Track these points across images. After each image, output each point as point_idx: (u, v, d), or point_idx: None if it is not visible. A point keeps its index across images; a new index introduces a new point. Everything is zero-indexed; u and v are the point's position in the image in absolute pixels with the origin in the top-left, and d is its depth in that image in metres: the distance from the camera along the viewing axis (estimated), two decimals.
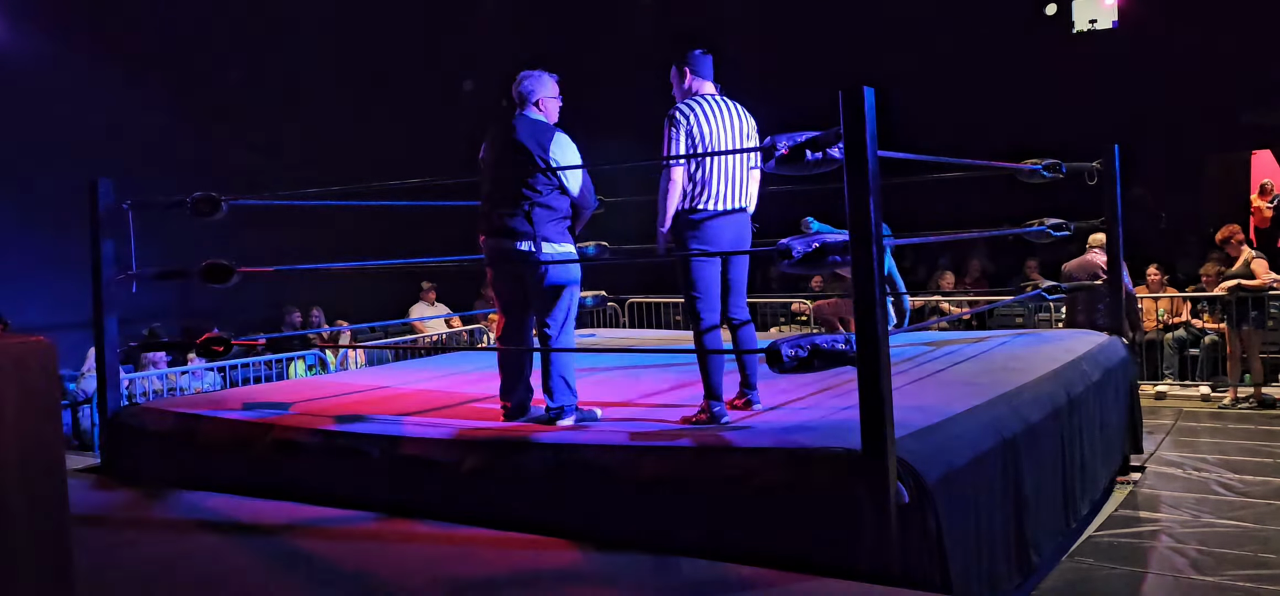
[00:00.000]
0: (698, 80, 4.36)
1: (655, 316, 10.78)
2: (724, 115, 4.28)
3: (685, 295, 4.34)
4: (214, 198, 5.33)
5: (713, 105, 4.28)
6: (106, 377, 5.28)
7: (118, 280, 5.27)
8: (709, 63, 4.40)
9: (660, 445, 3.76)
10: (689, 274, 4.26)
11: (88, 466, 5.56)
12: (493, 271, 4.56)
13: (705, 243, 4.25)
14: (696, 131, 4.20)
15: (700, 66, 4.37)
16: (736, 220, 4.32)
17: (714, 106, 4.28)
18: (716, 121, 4.25)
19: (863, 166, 3.32)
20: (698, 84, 4.36)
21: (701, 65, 4.38)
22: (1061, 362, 5.23)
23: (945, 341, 6.61)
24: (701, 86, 4.36)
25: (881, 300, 3.34)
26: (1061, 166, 5.96)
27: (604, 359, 6.07)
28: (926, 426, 3.69)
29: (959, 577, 3.39)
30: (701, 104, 4.26)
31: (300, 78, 11.64)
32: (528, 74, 4.50)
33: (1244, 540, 4.84)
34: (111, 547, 3.91)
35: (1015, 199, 7.90)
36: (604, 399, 4.76)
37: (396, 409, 4.91)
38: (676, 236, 4.29)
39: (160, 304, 10.05)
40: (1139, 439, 6.35)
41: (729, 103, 4.35)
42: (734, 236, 4.33)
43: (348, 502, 4.25)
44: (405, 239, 7.97)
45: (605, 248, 7.37)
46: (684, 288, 4.32)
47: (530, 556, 3.51)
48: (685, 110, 4.24)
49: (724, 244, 4.27)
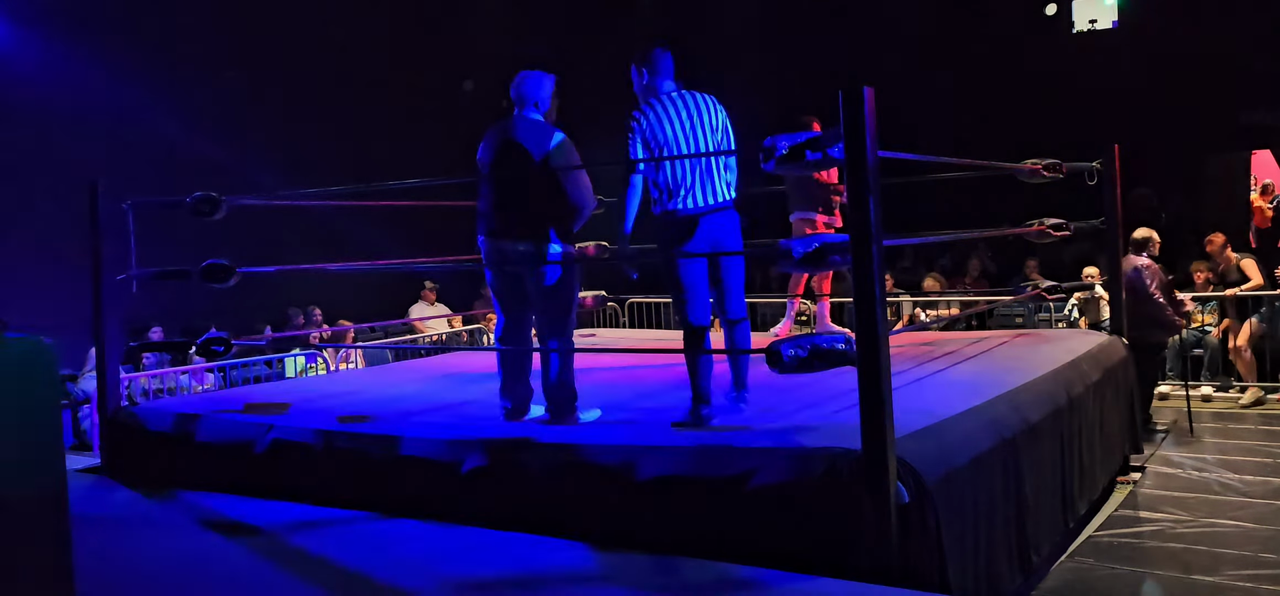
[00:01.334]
0: (657, 78, 4.28)
1: (655, 316, 10.77)
2: (684, 110, 4.20)
3: (672, 297, 4.28)
4: (214, 197, 5.33)
5: (671, 102, 4.20)
6: (106, 377, 5.28)
7: (118, 280, 5.27)
8: (668, 59, 4.31)
9: (660, 445, 3.75)
10: (673, 276, 4.19)
11: (88, 466, 5.56)
12: (492, 272, 4.56)
13: (686, 244, 4.16)
14: (653, 134, 4.15)
15: (658, 64, 4.29)
16: (717, 218, 4.20)
17: (671, 103, 4.20)
18: (676, 119, 4.18)
19: (863, 166, 3.32)
20: (657, 81, 4.28)
21: (660, 62, 4.29)
22: (1061, 362, 5.23)
23: (945, 341, 6.61)
24: (661, 84, 4.28)
25: (882, 300, 3.34)
26: (1061, 166, 5.95)
27: (604, 359, 6.06)
28: (926, 426, 3.69)
29: (959, 577, 3.39)
30: (658, 104, 4.20)
31: (300, 77, 11.64)
32: (527, 74, 4.50)
33: (1244, 540, 4.84)
34: (111, 547, 3.91)
35: (1015, 199, 7.90)
36: (604, 399, 4.76)
37: (396, 409, 4.91)
38: (659, 241, 4.24)
39: (160, 304, 10.06)
40: (1139, 439, 6.35)
41: (691, 96, 4.25)
42: (717, 234, 4.20)
43: (348, 502, 4.26)
44: (405, 239, 7.97)
45: (605, 248, 7.37)
46: (671, 290, 4.26)
47: (530, 556, 3.51)
48: (640, 114, 4.19)
49: (705, 243, 4.18)
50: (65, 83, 9.81)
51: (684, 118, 4.19)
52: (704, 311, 4.24)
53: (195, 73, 10.96)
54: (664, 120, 4.17)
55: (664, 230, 4.20)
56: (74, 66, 9.85)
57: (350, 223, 10.93)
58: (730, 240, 4.26)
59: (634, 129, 4.19)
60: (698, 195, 4.15)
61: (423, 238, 7.69)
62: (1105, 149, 6.33)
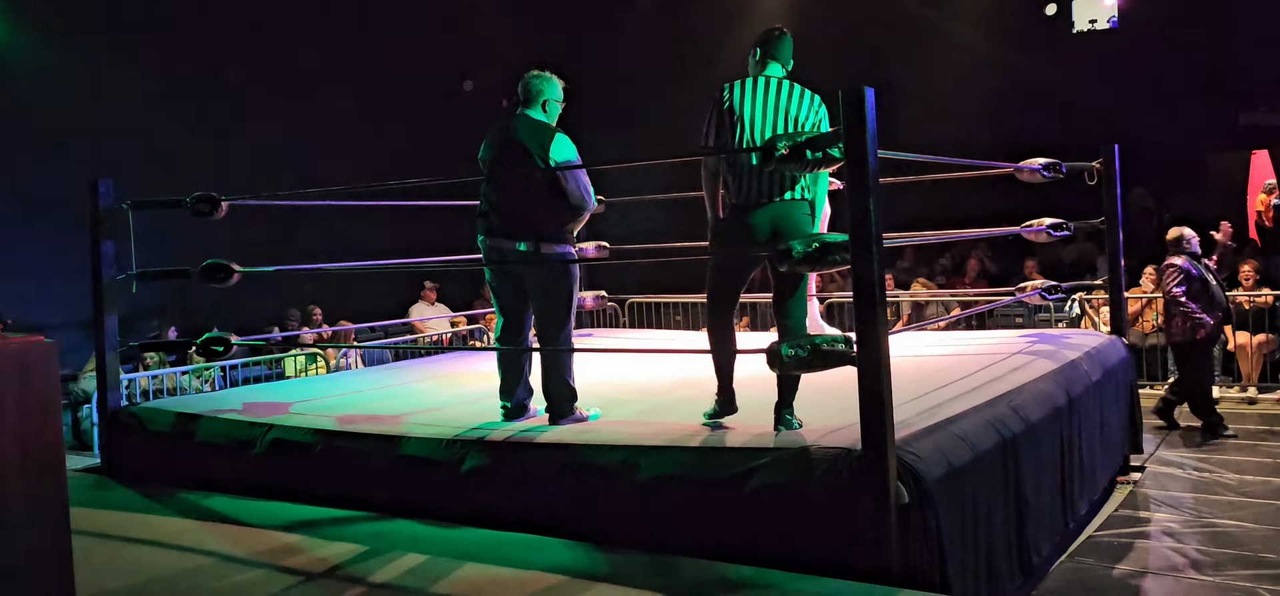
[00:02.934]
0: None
1: (655, 316, 10.77)
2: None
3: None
4: (214, 197, 5.33)
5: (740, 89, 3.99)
6: (106, 378, 5.28)
7: (118, 280, 5.27)
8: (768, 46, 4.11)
9: (660, 445, 3.75)
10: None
11: (88, 466, 5.56)
12: (492, 272, 4.56)
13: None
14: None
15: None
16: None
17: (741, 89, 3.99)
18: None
19: (863, 166, 3.32)
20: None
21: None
22: (1061, 362, 5.23)
23: (945, 341, 6.61)
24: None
25: (882, 300, 3.34)
26: (1061, 166, 5.96)
27: (604, 358, 6.06)
28: (926, 426, 3.69)
29: (958, 577, 3.39)
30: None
31: (301, 77, 11.64)
32: (537, 74, 4.51)
33: (1244, 540, 4.84)
34: (111, 548, 3.91)
35: (1015, 199, 7.89)
36: (604, 399, 4.76)
37: (396, 409, 4.91)
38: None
39: (160, 304, 10.07)
40: (1139, 439, 6.35)
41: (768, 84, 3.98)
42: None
43: (348, 502, 4.26)
44: (405, 239, 7.96)
45: (605, 247, 7.38)
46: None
47: (530, 556, 3.51)
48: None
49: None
50: (65, 83, 9.81)
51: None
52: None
53: (195, 73, 10.96)
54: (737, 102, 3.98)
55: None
56: (74, 66, 9.85)
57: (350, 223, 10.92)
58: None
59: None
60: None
61: (423, 238, 7.68)
62: (1105, 149, 6.33)
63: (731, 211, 3.99)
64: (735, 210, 3.96)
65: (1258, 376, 8.76)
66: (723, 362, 4.04)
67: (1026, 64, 12.97)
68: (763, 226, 3.88)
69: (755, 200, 3.88)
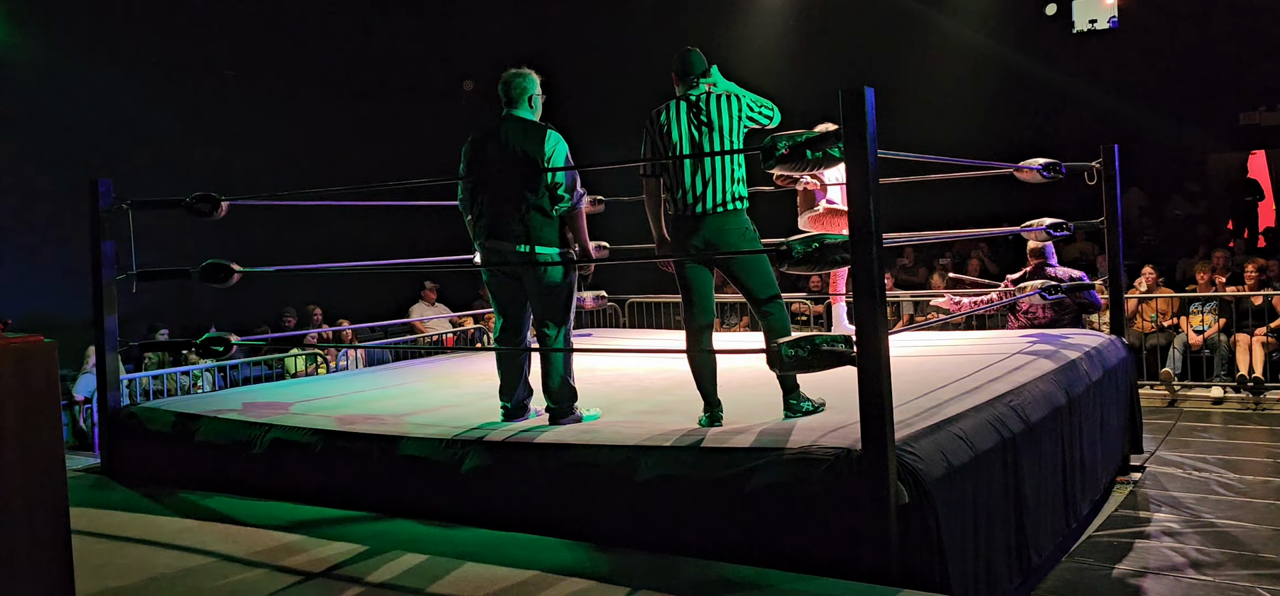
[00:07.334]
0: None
1: (655, 316, 10.77)
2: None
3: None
4: (214, 197, 5.33)
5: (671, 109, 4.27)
6: (106, 378, 5.28)
7: (118, 280, 5.27)
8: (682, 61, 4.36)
9: (660, 445, 3.75)
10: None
11: (88, 466, 5.56)
12: (490, 273, 4.55)
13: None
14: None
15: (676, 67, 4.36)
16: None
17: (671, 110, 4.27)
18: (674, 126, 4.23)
19: (863, 166, 3.32)
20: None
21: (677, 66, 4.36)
22: (1061, 362, 5.23)
23: (945, 341, 6.61)
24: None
25: (882, 299, 3.34)
26: (1061, 166, 5.95)
27: (604, 359, 6.06)
28: (926, 426, 3.68)
29: (958, 577, 3.39)
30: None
31: (301, 77, 11.64)
32: (517, 72, 4.50)
33: (1244, 540, 4.84)
34: (111, 548, 3.91)
35: (1015, 199, 7.89)
36: (604, 399, 4.76)
37: (396, 409, 4.91)
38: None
39: (160, 304, 10.06)
40: (1139, 438, 6.35)
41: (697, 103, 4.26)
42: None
43: (348, 502, 4.26)
44: (405, 239, 7.97)
45: (605, 248, 7.37)
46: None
47: (530, 556, 3.51)
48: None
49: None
50: (65, 83, 9.81)
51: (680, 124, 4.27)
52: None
53: (195, 73, 10.96)
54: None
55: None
56: (74, 66, 9.85)
57: (350, 223, 10.92)
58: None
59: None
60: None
61: (423, 238, 7.68)
62: (1105, 149, 6.33)
63: (671, 224, 4.25)
64: (674, 223, 4.20)
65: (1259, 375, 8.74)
66: (698, 378, 4.18)
67: (1026, 64, 12.98)
68: (700, 237, 4.11)
69: (693, 212, 4.10)
